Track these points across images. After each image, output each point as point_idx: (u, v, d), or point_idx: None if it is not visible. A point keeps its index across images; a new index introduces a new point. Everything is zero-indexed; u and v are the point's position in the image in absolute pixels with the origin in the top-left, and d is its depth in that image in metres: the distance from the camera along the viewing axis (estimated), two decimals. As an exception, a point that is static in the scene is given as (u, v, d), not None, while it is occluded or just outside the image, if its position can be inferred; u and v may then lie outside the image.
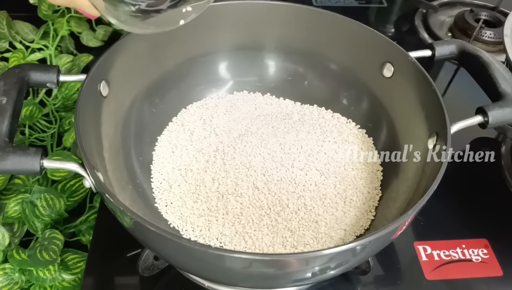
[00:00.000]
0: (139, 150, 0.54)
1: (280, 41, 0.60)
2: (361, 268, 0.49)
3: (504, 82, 0.47)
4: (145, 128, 0.55)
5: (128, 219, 0.37)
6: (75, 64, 0.74)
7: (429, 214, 0.54)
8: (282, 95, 0.63)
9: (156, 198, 0.51)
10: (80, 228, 0.59)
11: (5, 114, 0.40)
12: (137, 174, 0.52)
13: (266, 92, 0.63)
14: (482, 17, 0.84)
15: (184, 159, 0.54)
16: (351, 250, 0.35)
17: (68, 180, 0.58)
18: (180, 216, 0.49)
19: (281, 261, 0.36)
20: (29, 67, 0.46)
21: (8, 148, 0.38)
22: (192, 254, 0.36)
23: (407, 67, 0.51)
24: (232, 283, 0.45)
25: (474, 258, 0.52)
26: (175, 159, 0.54)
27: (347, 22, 0.56)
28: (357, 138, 0.57)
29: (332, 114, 0.60)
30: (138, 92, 0.54)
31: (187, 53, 0.58)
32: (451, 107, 0.46)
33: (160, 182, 0.53)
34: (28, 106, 0.66)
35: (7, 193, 0.59)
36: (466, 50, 0.52)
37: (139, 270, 0.47)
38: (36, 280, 0.53)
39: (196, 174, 0.53)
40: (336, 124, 0.59)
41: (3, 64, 0.73)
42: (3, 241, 0.53)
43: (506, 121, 0.46)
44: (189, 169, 0.53)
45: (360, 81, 0.58)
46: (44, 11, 0.75)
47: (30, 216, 0.54)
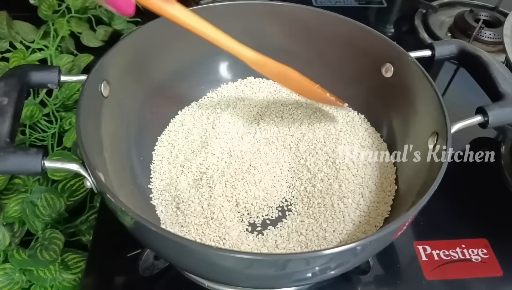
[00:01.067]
0: (139, 150, 0.54)
1: (280, 42, 0.60)
2: (361, 268, 0.49)
3: (504, 82, 0.47)
4: (146, 128, 0.55)
5: (129, 219, 0.37)
6: (75, 64, 0.74)
7: (429, 214, 0.54)
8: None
9: (156, 198, 0.51)
10: (81, 227, 0.59)
11: (6, 114, 0.40)
12: (138, 174, 0.52)
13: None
14: (481, 17, 0.84)
15: (183, 158, 0.54)
16: (352, 250, 0.35)
17: (69, 179, 0.59)
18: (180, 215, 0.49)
19: (281, 261, 0.36)
20: (30, 68, 0.46)
21: (9, 148, 0.38)
22: (193, 254, 0.36)
23: (407, 67, 0.52)
24: (233, 283, 0.45)
25: (474, 258, 0.52)
26: (174, 159, 0.54)
27: (347, 22, 0.56)
28: (357, 138, 0.57)
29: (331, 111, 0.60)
30: (139, 92, 0.54)
31: (188, 53, 0.58)
32: (451, 107, 0.46)
33: (160, 182, 0.53)
34: (29, 106, 0.66)
35: (8, 193, 0.59)
36: (466, 50, 0.52)
37: (139, 270, 0.47)
38: (36, 280, 0.53)
39: (196, 173, 0.53)
40: (336, 123, 0.59)
41: (4, 64, 0.73)
42: (4, 241, 0.53)
43: (506, 121, 0.47)
44: (189, 169, 0.53)
45: (360, 81, 0.58)
46: (44, 11, 0.75)
47: (31, 215, 0.54)
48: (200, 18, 0.45)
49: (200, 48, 0.59)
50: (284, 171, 0.54)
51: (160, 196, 0.51)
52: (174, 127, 0.58)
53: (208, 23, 0.46)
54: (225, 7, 0.57)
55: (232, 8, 0.58)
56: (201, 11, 0.56)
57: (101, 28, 0.79)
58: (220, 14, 0.57)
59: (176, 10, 0.44)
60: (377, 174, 0.53)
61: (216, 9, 0.57)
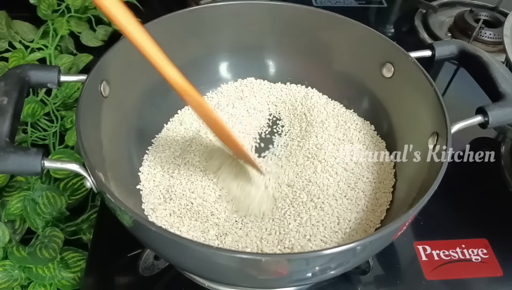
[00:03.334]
0: (140, 150, 0.54)
1: (280, 42, 0.60)
2: (361, 268, 0.49)
3: (504, 82, 0.47)
4: (146, 127, 0.55)
5: (128, 218, 0.37)
6: (74, 63, 0.74)
7: (429, 214, 0.54)
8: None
9: (155, 197, 0.51)
10: (81, 226, 0.59)
11: (6, 114, 0.40)
12: (138, 174, 0.52)
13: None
14: (482, 17, 0.84)
15: (183, 158, 0.54)
16: (352, 250, 0.35)
17: (71, 178, 0.59)
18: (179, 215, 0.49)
19: (281, 261, 0.36)
20: (29, 68, 0.46)
21: (9, 148, 0.38)
22: (193, 254, 0.36)
23: (407, 67, 0.51)
24: (232, 283, 0.45)
25: (474, 258, 0.52)
26: (174, 158, 0.54)
27: (347, 22, 0.56)
28: (356, 138, 0.57)
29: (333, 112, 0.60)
30: (139, 92, 0.54)
31: (188, 53, 0.58)
32: (451, 107, 0.46)
33: (159, 182, 0.52)
34: (30, 104, 0.66)
35: (10, 190, 0.60)
36: (466, 50, 0.52)
37: (139, 270, 0.47)
38: (35, 277, 0.53)
39: (195, 173, 0.53)
40: (336, 123, 0.59)
41: (3, 64, 0.73)
42: (3, 238, 0.53)
43: (507, 121, 0.47)
44: (190, 169, 0.53)
45: (360, 81, 0.58)
46: (43, 11, 0.75)
47: (31, 213, 0.54)
48: (158, 48, 0.42)
49: (201, 48, 0.59)
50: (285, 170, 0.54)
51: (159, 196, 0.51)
52: (173, 126, 0.58)
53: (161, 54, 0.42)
54: (225, 7, 0.57)
55: (232, 8, 0.58)
56: (201, 11, 0.56)
57: (101, 28, 0.79)
58: (220, 14, 0.57)
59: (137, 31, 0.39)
60: (376, 174, 0.52)
61: (216, 9, 0.57)
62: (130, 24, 0.39)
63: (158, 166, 0.54)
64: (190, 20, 0.56)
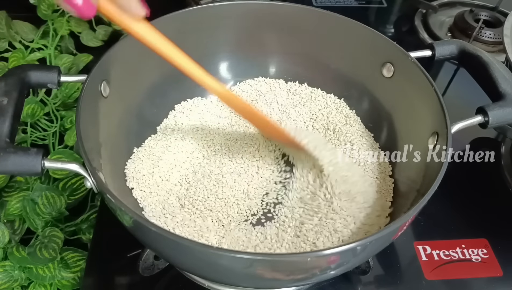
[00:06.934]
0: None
1: (280, 42, 0.60)
2: (361, 268, 0.49)
3: (504, 82, 0.47)
4: (146, 128, 0.55)
5: (128, 218, 0.37)
6: (74, 64, 0.74)
7: (429, 214, 0.54)
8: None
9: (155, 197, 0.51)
10: (81, 226, 0.59)
11: (6, 114, 0.40)
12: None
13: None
14: (482, 17, 0.84)
15: (182, 157, 0.54)
16: (352, 250, 0.35)
17: (70, 178, 0.59)
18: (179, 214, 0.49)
19: (281, 261, 0.36)
20: (29, 68, 0.46)
21: (9, 148, 0.38)
22: (193, 254, 0.36)
23: (407, 67, 0.51)
24: (232, 283, 0.45)
25: (474, 258, 0.52)
26: (174, 158, 0.54)
27: (347, 22, 0.56)
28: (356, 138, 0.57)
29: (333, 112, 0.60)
30: (139, 92, 0.54)
31: (188, 53, 0.58)
32: (451, 107, 0.46)
33: (159, 181, 0.52)
34: (30, 104, 0.66)
35: (9, 190, 0.60)
36: (466, 50, 0.52)
37: (139, 270, 0.47)
38: (35, 277, 0.53)
39: (194, 172, 0.53)
40: (337, 123, 0.59)
41: (3, 64, 0.73)
42: (3, 239, 0.53)
43: (507, 121, 0.47)
44: (189, 169, 0.53)
45: (360, 81, 0.58)
46: (43, 11, 0.75)
47: (31, 213, 0.54)
48: (168, 41, 0.43)
49: (201, 48, 0.59)
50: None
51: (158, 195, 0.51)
52: (172, 125, 0.58)
53: (174, 47, 0.43)
54: (225, 7, 0.57)
55: (232, 8, 0.58)
56: (201, 11, 0.56)
57: (101, 28, 0.79)
58: (220, 14, 0.57)
59: (143, 29, 0.41)
60: (376, 174, 0.52)
61: (216, 9, 0.57)
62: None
63: (158, 166, 0.54)
64: (190, 20, 0.56)
